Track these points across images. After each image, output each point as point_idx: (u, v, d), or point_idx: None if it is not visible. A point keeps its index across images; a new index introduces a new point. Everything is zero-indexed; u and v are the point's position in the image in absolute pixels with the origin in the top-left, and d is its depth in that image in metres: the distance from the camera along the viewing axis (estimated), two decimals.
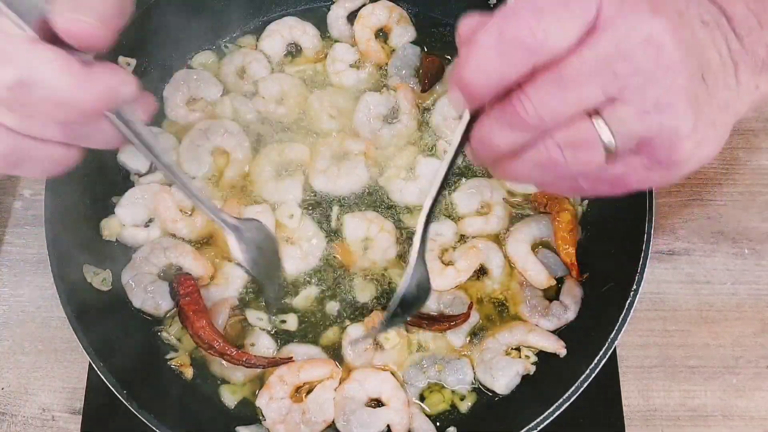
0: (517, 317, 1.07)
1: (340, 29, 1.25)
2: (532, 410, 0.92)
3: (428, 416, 1.02)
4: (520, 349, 1.04)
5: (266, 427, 1.00)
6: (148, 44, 1.14)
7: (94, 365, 0.91)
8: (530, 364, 1.03)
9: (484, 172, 1.15)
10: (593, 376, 0.92)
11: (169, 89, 1.17)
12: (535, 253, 1.10)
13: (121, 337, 1.00)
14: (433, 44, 1.24)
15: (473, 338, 1.06)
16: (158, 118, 1.17)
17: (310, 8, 1.27)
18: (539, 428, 0.91)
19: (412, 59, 1.21)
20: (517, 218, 1.13)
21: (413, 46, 1.22)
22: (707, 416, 1.08)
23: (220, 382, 1.04)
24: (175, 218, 1.08)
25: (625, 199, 0.97)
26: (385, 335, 1.03)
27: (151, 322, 1.06)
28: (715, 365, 1.11)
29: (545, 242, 1.11)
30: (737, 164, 1.22)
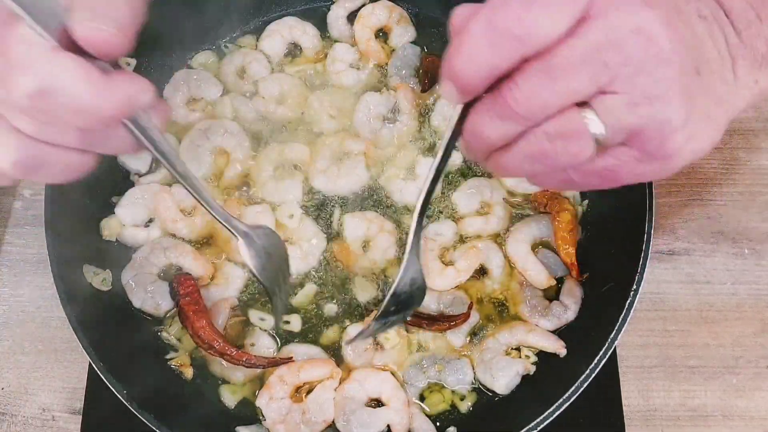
0: (517, 317, 1.07)
1: (340, 29, 1.25)
2: (532, 410, 0.92)
3: (428, 416, 1.02)
4: (520, 349, 1.04)
5: (266, 427, 1.00)
6: (148, 44, 1.14)
7: (94, 365, 0.91)
8: (530, 364, 1.03)
9: (484, 172, 1.15)
10: (593, 376, 0.92)
11: (169, 89, 1.17)
12: (535, 253, 1.10)
13: (121, 337, 1.00)
14: (433, 44, 1.24)
15: (473, 338, 1.06)
16: None
17: (310, 8, 1.27)
18: (539, 428, 0.91)
19: (412, 59, 1.21)
20: (517, 218, 1.13)
21: (413, 46, 1.22)
22: (707, 416, 1.08)
23: (220, 382, 1.04)
24: (175, 218, 1.08)
25: (625, 198, 0.99)
26: (385, 335, 1.03)
27: (151, 322, 1.06)
28: (715, 365, 1.11)
29: (545, 242, 1.11)
30: (737, 164, 1.22)
